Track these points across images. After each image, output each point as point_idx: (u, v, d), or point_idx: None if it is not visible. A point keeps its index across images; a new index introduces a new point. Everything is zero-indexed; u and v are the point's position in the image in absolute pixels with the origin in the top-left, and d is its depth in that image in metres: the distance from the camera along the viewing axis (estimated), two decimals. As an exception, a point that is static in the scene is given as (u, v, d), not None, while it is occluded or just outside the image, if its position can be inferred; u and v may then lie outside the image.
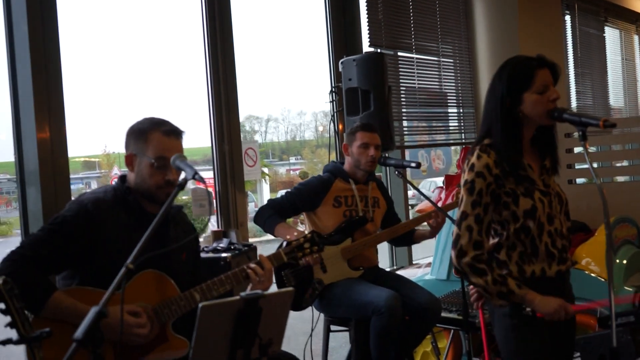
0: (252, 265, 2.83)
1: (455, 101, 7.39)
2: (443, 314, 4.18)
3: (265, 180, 29.33)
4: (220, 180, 5.07)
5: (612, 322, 2.56)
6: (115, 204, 2.76)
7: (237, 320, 2.25)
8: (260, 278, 2.81)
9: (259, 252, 4.32)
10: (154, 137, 2.75)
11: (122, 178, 2.87)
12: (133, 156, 2.79)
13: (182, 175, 2.55)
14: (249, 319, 2.26)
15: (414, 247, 5.93)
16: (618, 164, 6.97)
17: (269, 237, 4.36)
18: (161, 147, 2.73)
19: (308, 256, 3.05)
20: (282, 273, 4.07)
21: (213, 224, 5.16)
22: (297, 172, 41.26)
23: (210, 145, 5.11)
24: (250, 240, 5.12)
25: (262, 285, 2.81)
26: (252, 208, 12.14)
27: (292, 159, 49.75)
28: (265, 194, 28.18)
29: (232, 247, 4.11)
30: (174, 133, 2.80)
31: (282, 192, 4.66)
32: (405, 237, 4.42)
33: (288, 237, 3.01)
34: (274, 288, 3.73)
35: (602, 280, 4.32)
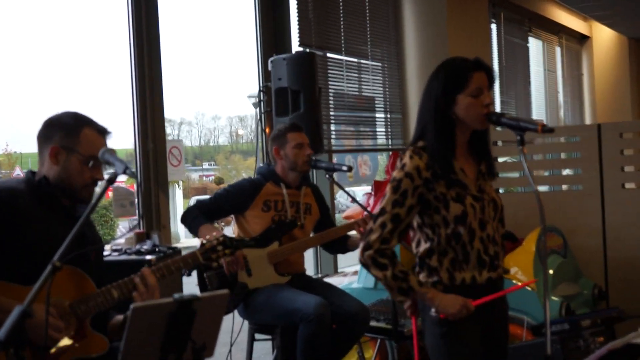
0: (137, 279, 2.73)
1: (382, 106, 7.47)
2: (371, 323, 4.19)
3: (179, 185, 29.02)
4: (143, 179, 4.98)
5: (546, 330, 2.63)
6: (31, 194, 2.70)
7: (170, 323, 2.22)
8: (142, 296, 2.70)
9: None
10: (87, 133, 2.72)
11: (32, 173, 2.80)
12: (60, 150, 2.72)
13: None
14: (181, 322, 2.23)
15: (339, 256, 5.95)
16: (539, 174, 7.17)
17: (189, 243, 4.32)
18: (95, 145, 2.70)
19: (222, 259, 3.03)
20: (205, 275, 4.02)
21: (121, 230, 5.07)
22: (211, 178, 40.98)
23: (133, 144, 5.02)
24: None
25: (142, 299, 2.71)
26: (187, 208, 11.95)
27: (206, 165, 49.39)
28: (178, 200, 27.83)
29: (157, 250, 4.05)
30: (105, 132, 2.79)
31: (193, 199, 4.60)
32: (339, 244, 4.41)
33: (202, 239, 3.00)
34: (194, 290, 3.69)
35: (530, 289, 4.41)
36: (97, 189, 2.76)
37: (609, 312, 4.06)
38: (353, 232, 4.37)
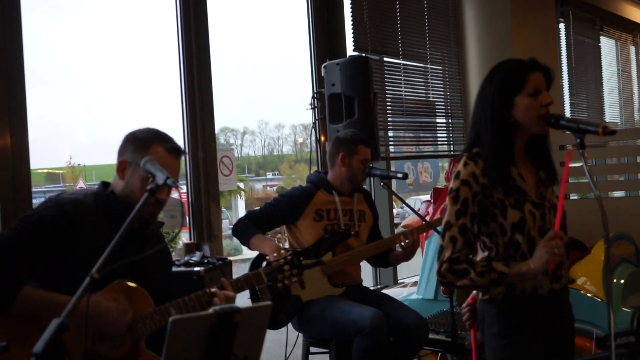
0: (214, 290, 2.77)
1: (443, 111, 7.40)
2: (430, 336, 4.14)
3: (240, 196, 29.31)
4: (193, 190, 5.02)
5: (611, 342, 2.55)
6: (96, 208, 2.71)
7: (211, 336, 2.21)
8: (222, 304, 2.72)
9: (234, 267, 4.30)
10: (155, 151, 2.71)
11: (105, 184, 2.83)
12: (127, 164, 2.74)
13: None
14: (223, 335, 2.22)
15: (400, 266, 5.91)
16: (613, 179, 7.01)
17: (243, 255, 4.33)
18: (161, 164, 2.63)
19: (287, 279, 3.03)
20: (257, 288, 4.02)
21: (184, 242, 5.12)
22: (275, 188, 41.25)
23: (183, 154, 5.06)
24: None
25: None
26: (226, 225, 12.06)
27: (269, 174, 49.76)
28: (240, 211, 28.13)
29: (205, 261, 4.07)
30: (177, 152, 2.79)
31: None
32: (380, 257, 4.38)
33: (268, 257, 2.99)
34: (247, 303, 3.69)
35: (599, 300, 4.31)
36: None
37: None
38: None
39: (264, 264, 2.97)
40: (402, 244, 4.19)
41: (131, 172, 2.72)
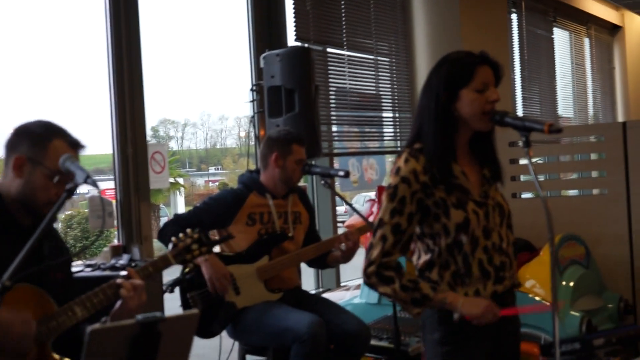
0: (119, 280, 2.71)
1: (390, 105, 7.42)
2: (372, 342, 4.15)
3: (180, 192, 29.09)
4: (122, 187, 4.95)
5: (555, 349, 2.58)
6: None
7: (132, 347, 2.16)
8: (130, 293, 2.69)
9: (165, 271, 4.24)
10: (56, 146, 2.64)
11: None
12: (25, 161, 2.65)
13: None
14: (145, 346, 2.18)
15: (343, 268, 5.91)
16: (567, 177, 7.11)
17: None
18: None
19: (198, 258, 2.99)
20: (188, 295, 3.99)
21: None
22: (217, 183, 41.05)
23: (111, 149, 4.99)
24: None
25: (132, 301, 2.70)
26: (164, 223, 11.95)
27: (212, 169, 49.49)
28: (180, 208, 27.92)
29: (133, 265, 4.01)
30: (78, 145, 2.72)
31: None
32: (318, 259, 4.37)
33: (173, 239, 2.94)
34: (178, 311, 3.65)
35: (548, 304, 4.35)
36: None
37: (627, 329, 3.99)
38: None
39: (170, 245, 2.92)
40: (342, 245, 4.19)
41: (30, 170, 2.64)
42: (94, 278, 3.95)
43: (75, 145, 2.70)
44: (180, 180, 28.94)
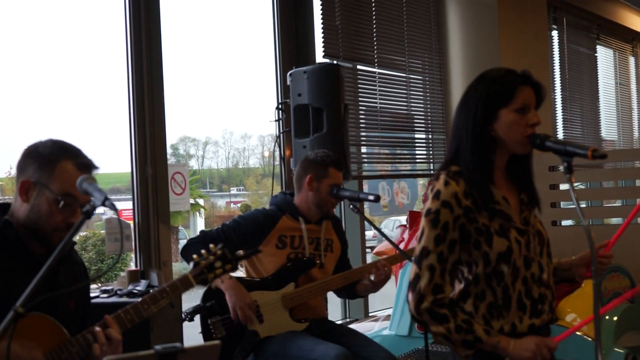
0: (97, 328, 2.62)
1: (423, 125, 7.42)
2: (402, 376, 4.13)
3: (200, 213, 29.14)
4: (140, 210, 4.97)
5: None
6: None
7: (150, 379, 2.17)
8: (103, 347, 2.59)
9: (186, 297, 4.25)
10: (64, 168, 2.62)
11: (4, 207, 2.73)
12: (31, 185, 2.63)
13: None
14: (164, 379, 2.18)
15: (372, 297, 5.89)
16: (609, 204, 7.06)
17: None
18: (72, 183, 2.55)
19: (222, 276, 2.97)
20: (209, 321, 3.98)
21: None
22: (238, 205, 41.08)
23: (130, 169, 5.03)
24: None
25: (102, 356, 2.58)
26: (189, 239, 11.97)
27: (234, 190, 49.51)
28: (199, 231, 27.95)
29: (152, 291, 4.01)
30: (88, 167, 2.68)
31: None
32: (347, 288, 4.35)
33: (195, 256, 2.92)
34: (199, 340, 3.65)
35: (589, 340, 4.31)
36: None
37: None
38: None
39: (191, 264, 2.90)
40: (372, 276, 4.18)
41: (37, 194, 2.62)
42: (110, 305, 3.95)
43: (85, 168, 2.66)
44: (201, 202, 28.98)
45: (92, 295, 3.99)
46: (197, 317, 4.04)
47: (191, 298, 4.04)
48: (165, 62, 5.19)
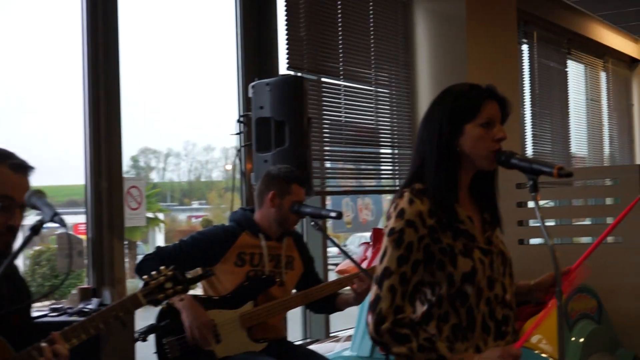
0: (43, 344, 2.59)
1: (389, 140, 7.43)
2: (363, 400, 4.12)
3: (159, 228, 28.97)
4: (94, 224, 4.92)
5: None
6: None
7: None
8: None
9: (139, 314, 4.21)
10: None
11: None
12: None
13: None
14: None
15: (332, 317, 5.88)
16: (579, 222, 7.09)
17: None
18: (7, 185, 2.61)
19: (172, 297, 2.97)
20: (164, 341, 3.95)
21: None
22: (200, 219, 40.92)
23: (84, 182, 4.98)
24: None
25: None
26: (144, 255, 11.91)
27: (195, 204, 49.27)
28: (155, 246, 27.75)
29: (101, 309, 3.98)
30: (23, 168, 2.71)
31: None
32: (326, 303, 4.35)
33: (144, 276, 2.92)
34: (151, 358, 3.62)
35: (552, 360, 4.33)
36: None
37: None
38: (346, 288, 4.31)
39: (140, 284, 2.89)
40: (355, 287, 4.16)
41: None
42: (58, 323, 3.89)
43: (19, 168, 2.69)
44: (161, 216, 28.81)
45: (41, 313, 3.96)
46: (152, 337, 4.02)
47: (145, 317, 4.01)
48: (124, 71, 5.15)
